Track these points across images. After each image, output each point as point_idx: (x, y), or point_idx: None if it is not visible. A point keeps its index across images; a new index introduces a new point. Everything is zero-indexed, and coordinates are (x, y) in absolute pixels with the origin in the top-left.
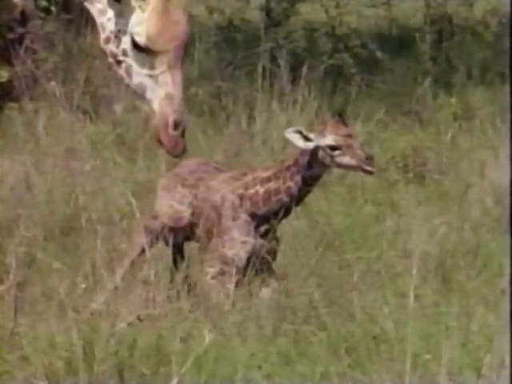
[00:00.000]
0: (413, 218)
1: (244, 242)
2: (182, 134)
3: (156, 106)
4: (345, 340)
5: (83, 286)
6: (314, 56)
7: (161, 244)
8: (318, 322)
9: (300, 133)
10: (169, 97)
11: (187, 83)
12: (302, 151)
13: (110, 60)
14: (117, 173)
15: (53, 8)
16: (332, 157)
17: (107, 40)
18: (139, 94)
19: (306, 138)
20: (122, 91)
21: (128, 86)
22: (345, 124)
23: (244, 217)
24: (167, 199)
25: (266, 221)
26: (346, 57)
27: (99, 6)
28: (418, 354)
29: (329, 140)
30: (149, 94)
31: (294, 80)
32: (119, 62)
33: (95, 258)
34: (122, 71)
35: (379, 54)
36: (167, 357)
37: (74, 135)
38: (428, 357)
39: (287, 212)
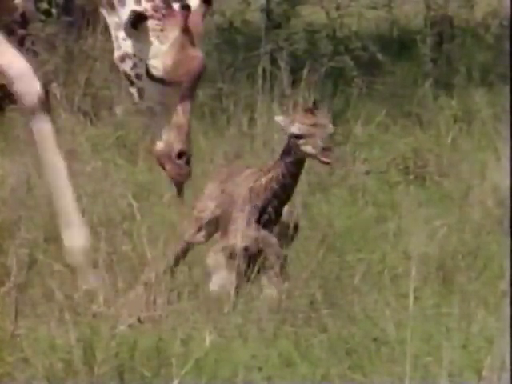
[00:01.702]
0: (413, 220)
1: (245, 232)
2: (187, 162)
3: (163, 133)
4: (345, 342)
5: (84, 287)
6: (314, 58)
7: (161, 246)
8: (319, 323)
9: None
10: (177, 126)
11: None
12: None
13: (122, 77)
14: (118, 174)
15: (53, 10)
16: (297, 145)
17: (122, 59)
18: (146, 117)
19: None
20: (122, 93)
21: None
22: (313, 113)
23: (248, 208)
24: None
25: (264, 211)
26: (347, 59)
27: (116, 19)
28: (418, 355)
29: (294, 128)
30: (157, 120)
31: (295, 82)
32: (132, 82)
33: (96, 259)
34: (133, 90)
35: (380, 56)
36: (168, 359)
37: (75, 137)
38: (429, 359)
39: (280, 201)
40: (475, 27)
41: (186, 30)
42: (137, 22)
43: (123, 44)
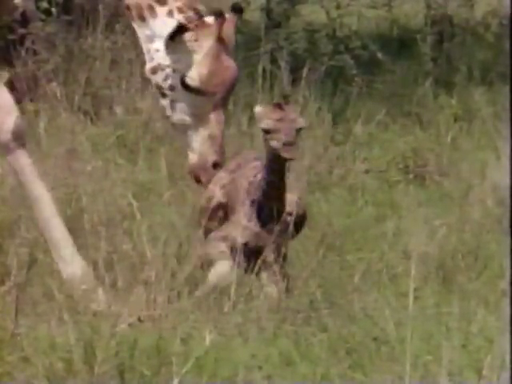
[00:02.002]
0: (413, 219)
1: (246, 227)
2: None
3: (197, 144)
4: (345, 341)
5: (84, 287)
6: (314, 57)
7: (161, 245)
8: (319, 323)
9: None
10: (211, 137)
11: None
12: None
13: (154, 90)
14: (118, 174)
15: (53, 9)
16: (266, 140)
17: (154, 71)
18: (178, 129)
19: None
20: (122, 92)
21: (164, 102)
22: (281, 108)
23: (248, 203)
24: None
25: (260, 208)
26: (347, 58)
27: (147, 32)
28: (418, 355)
29: (262, 123)
30: (190, 132)
31: (295, 81)
32: (164, 94)
33: (96, 258)
34: (165, 103)
35: (380, 56)
36: (168, 358)
37: (75, 136)
38: (428, 358)
39: (268, 199)
40: (475, 26)
41: (220, 39)
42: (177, 33)
43: (156, 55)
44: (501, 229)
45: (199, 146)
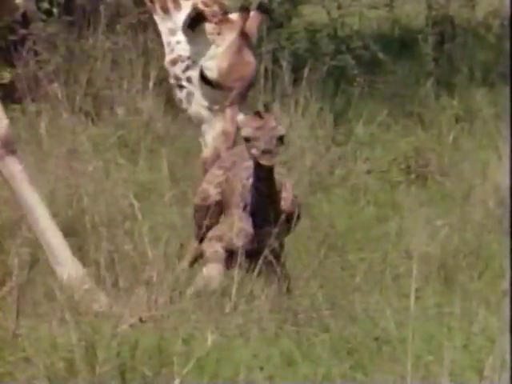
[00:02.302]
0: (415, 220)
1: (241, 229)
2: None
3: (210, 138)
4: (347, 341)
5: (86, 287)
6: (315, 57)
7: (162, 245)
8: (321, 323)
9: None
10: (225, 133)
11: None
12: None
13: (171, 81)
14: (119, 174)
15: (55, 10)
16: (247, 148)
17: (174, 62)
18: (194, 122)
19: None
20: (123, 93)
21: (180, 104)
22: (261, 116)
23: (242, 205)
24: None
25: (252, 212)
26: (348, 58)
27: (170, 25)
28: (419, 355)
29: (242, 132)
30: (204, 126)
31: (296, 81)
32: (181, 86)
33: (98, 259)
34: (181, 95)
35: (381, 56)
36: (169, 358)
37: (76, 137)
38: (430, 358)
39: (259, 206)
40: (476, 27)
41: (243, 34)
42: (195, 22)
43: (176, 47)
44: (502, 229)
45: (212, 140)
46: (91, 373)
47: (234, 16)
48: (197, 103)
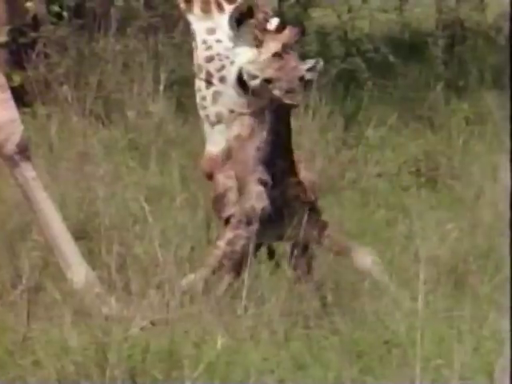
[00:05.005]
0: (425, 223)
1: (259, 193)
2: None
3: (223, 139)
4: (357, 344)
5: (96, 290)
6: (326, 60)
7: (173, 249)
8: (331, 326)
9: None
10: (238, 138)
11: None
12: None
13: (201, 77)
14: (130, 177)
15: (65, 13)
16: (269, 89)
17: (209, 59)
18: (208, 121)
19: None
20: (134, 96)
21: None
22: (280, 56)
23: (259, 168)
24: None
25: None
26: (359, 61)
27: (209, 24)
28: (429, 358)
29: (265, 73)
30: (220, 127)
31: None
32: (210, 83)
33: (109, 262)
34: (207, 92)
35: (391, 59)
36: (180, 361)
37: (87, 140)
38: (440, 361)
39: (276, 153)
40: (487, 29)
41: (286, 47)
42: (243, 18)
43: (216, 45)
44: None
45: (226, 141)
46: (102, 376)
47: (271, 25)
48: (222, 103)
